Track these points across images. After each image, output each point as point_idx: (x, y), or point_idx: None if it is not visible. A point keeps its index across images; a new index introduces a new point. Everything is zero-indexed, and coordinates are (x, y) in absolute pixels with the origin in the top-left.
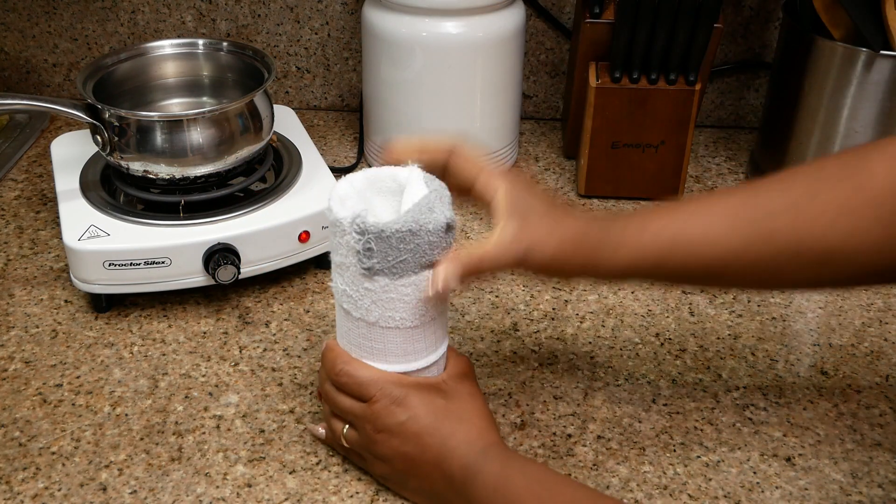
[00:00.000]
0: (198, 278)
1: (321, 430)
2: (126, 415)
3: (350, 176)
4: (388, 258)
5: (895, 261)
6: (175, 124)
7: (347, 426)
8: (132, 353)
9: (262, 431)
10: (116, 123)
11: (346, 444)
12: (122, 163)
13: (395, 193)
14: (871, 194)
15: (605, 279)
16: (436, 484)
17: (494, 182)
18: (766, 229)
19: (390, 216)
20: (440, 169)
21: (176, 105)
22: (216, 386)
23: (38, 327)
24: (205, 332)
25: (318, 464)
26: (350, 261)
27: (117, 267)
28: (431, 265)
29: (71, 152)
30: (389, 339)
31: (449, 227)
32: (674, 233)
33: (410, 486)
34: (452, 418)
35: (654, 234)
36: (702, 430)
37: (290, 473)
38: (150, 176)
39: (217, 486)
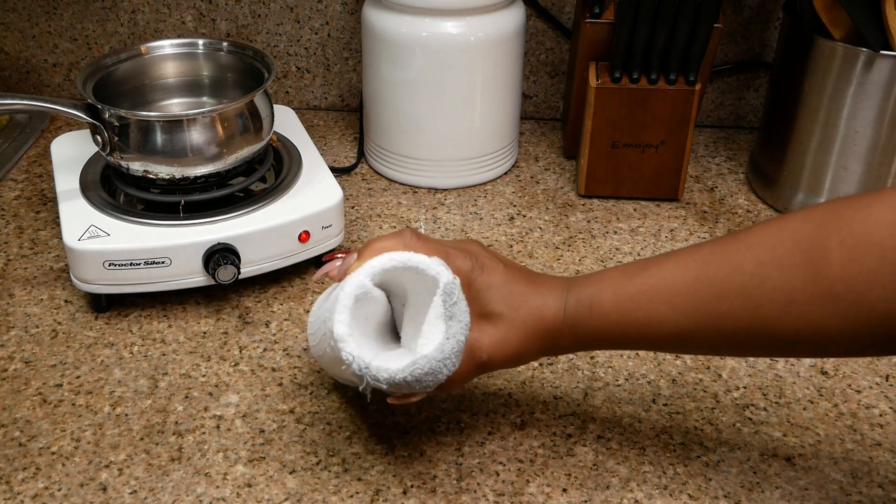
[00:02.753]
0: (198, 278)
1: None
2: (126, 415)
3: (368, 270)
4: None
5: (859, 347)
6: (175, 124)
7: None
8: (132, 353)
9: (262, 431)
10: (116, 123)
11: None
12: (122, 163)
13: (414, 301)
14: (826, 285)
15: (565, 353)
16: None
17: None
18: (714, 314)
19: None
20: None
21: (176, 105)
22: (216, 386)
23: (38, 327)
24: (205, 332)
25: (318, 464)
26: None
27: (117, 267)
28: None
29: (71, 152)
30: None
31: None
32: (619, 317)
33: None
34: None
35: (600, 317)
36: (702, 430)
37: (290, 473)
38: (150, 176)
39: (217, 486)
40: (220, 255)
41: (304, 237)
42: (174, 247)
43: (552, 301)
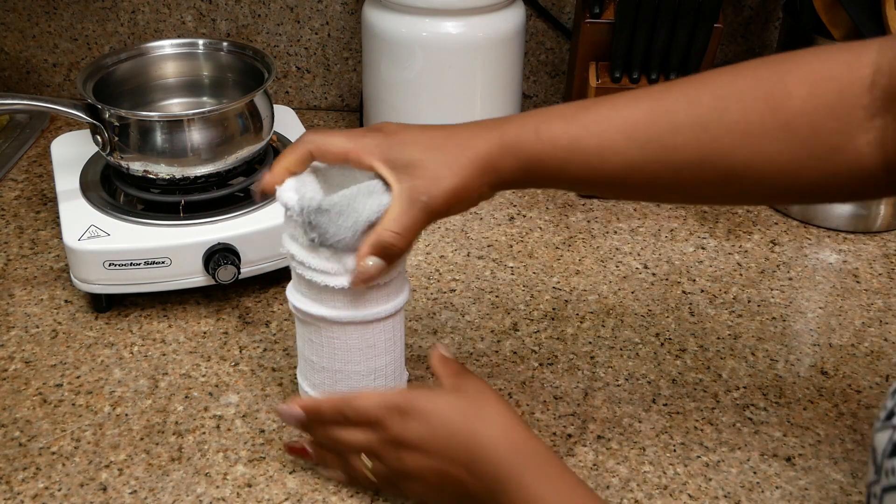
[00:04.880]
0: (198, 278)
1: (338, 472)
2: (126, 415)
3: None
4: (327, 234)
5: (803, 182)
6: (175, 124)
7: (370, 462)
8: (132, 353)
9: (262, 431)
10: (116, 123)
11: (375, 479)
12: (122, 163)
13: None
14: (784, 118)
15: (515, 187)
16: (474, 491)
17: (365, 160)
18: (668, 145)
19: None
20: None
21: (176, 105)
22: (216, 386)
23: (38, 327)
24: (205, 332)
25: (318, 464)
26: (298, 232)
27: (117, 267)
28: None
29: (71, 152)
30: (337, 293)
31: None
32: (569, 142)
33: (452, 500)
34: (471, 418)
35: (549, 143)
36: (702, 430)
37: (290, 473)
38: (150, 176)
39: (217, 486)
40: (220, 255)
41: None
42: (174, 247)
43: (484, 132)
